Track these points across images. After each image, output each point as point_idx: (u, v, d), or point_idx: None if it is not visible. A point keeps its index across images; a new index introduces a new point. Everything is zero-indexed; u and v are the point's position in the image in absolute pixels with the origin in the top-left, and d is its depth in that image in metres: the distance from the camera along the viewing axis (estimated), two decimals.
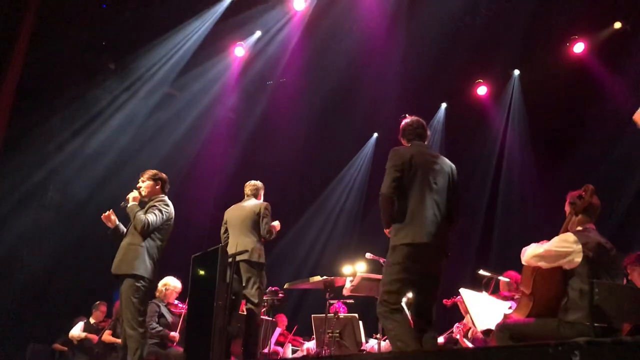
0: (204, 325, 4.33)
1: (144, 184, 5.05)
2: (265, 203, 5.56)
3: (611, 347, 1.05)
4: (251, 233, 5.36)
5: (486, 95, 9.80)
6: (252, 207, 5.49)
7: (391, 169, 3.91)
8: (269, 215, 5.43)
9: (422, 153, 4.04)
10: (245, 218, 5.44)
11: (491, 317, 4.51)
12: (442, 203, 3.88)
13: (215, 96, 10.03)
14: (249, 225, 5.40)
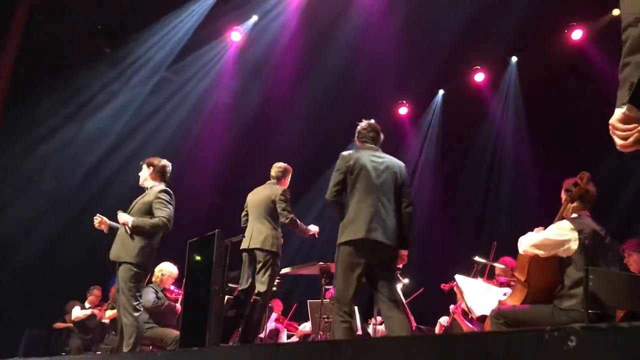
0: (200, 311, 4.34)
1: (143, 171, 5.08)
2: (282, 189, 5.46)
3: (607, 332, 1.05)
4: (266, 220, 5.31)
5: (484, 81, 9.77)
6: (269, 193, 5.43)
7: (335, 173, 4.21)
8: (285, 202, 5.34)
9: (367, 155, 4.26)
10: (260, 203, 5.40)
11: (486, 303, 4.54)
12: (387, 201, 4.09)
13: (212, 81, 9.98)
14: (263, 211, 5.35)
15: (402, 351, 1.39)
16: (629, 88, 2.05)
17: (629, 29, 2.10)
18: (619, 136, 2.07)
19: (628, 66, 2.07)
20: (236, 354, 2.23)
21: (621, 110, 2.07)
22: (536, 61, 8.67)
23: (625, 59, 2.08)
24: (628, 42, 2.08)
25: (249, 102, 10.25)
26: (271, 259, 5.20)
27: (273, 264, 5.20)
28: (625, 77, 2.07)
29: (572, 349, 1.06)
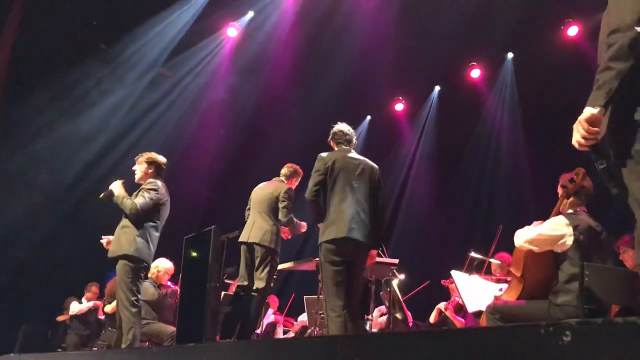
0: (196, 307, 4.34)
1: (138, 166, 5.07)
2: (287, 187, 5.46)
3: (602, 327, 1.06)
4: (268, 216, 5.32)
5: (480, 78, 9.79)
6: (273, 190, 5.43)
7: (314, 174, 4.39)
8: (287, 200, 5.33)
9: (344, 157, 4.45)
10: (263, 199, 5.40)
11: (482, 299, 4.55)
12: (364, 201, 4.30)
13: (208, 77, 9.96)
14: (266, 207, 5.36)
15: (399, 346, 1.39)
16: (607, 93, 2.09)
17: (618, 33, 2.12)
18: (581, 134, 2.13)
19: (610, 71, 2.10)
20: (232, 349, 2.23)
21: (592, 110, 2.11)
22: (532, 57, 8.68)
23: (609, 62, 2.11)
24: (615, 47, 2.11)
25: (245, 98, 10.23)
26: (270, 255, 5.20)
27: (272, 261, 5.20)
28: (605, 80, 2.11)
29: (567, 344, 1.06)
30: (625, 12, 2.13)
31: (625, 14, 2.13)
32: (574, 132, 2.17)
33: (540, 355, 1.11)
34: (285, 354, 1.72)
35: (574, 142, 2.18)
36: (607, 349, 1.02)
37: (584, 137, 2.12)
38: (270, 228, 5.26)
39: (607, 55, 2.12)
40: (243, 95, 10.23)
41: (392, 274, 5.76)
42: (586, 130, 2.11)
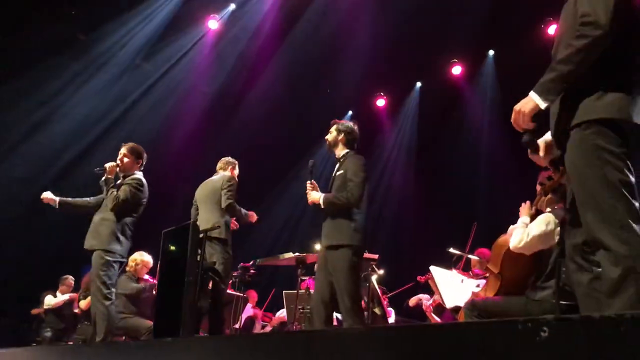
0: (174, 301, 4.30)
1: (122, 155, 5.05)
2: (229, 176, 5.39)
3: (579, 323, 1.06)
4: (214, 208, 5.21)
5: (461, 74, 9.83)
6: (216, 182, 5.37)
7: (364, 181, 4.38)
8: (228, 188, 5.21)
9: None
10: (209, 194, 5.33)
11: (460, 294, 4.59)
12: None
13: (188, 69, 9.87)
14: (212, 200, 5.26)
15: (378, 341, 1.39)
16: (560, 90, 2.20)
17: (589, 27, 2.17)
18: (521, 126, 2.32)
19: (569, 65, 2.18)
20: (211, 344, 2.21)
21: (541, 104, 2.21)
22: (513, 55, 8.73)
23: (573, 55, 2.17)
24: (583, 41, 2.17)
25: (226, 91, 10.16)
26: (219, 247, 5.06)
27: (223, 252, 5.04)
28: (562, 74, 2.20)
29: (544, 340, 1.06)
30: (599, 9, 2.16)
31: (599, 10, 2.16)
32: (516, 115, 2.32)
33: (517, 351, 1.11)
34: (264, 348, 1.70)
35: (513, 123, 2.35)
36: (583, 344, 1.03)
37: (521, 129, 2.33)
38: (217, 220, 5.12)
39: (574, 47, 2.16)
40: (224, 88, 10.16)
41: (372, 270, 5.76)
42: (526, 125, 2.28)
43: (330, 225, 4.28)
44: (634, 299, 1.94)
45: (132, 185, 4.92)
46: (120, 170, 5.08)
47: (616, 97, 2.14)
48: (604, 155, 2.12)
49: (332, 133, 4.63)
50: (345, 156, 4.51)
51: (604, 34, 2.13)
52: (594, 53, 2.14)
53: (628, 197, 2.07)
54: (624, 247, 2.00)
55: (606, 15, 2.13)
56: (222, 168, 5.60)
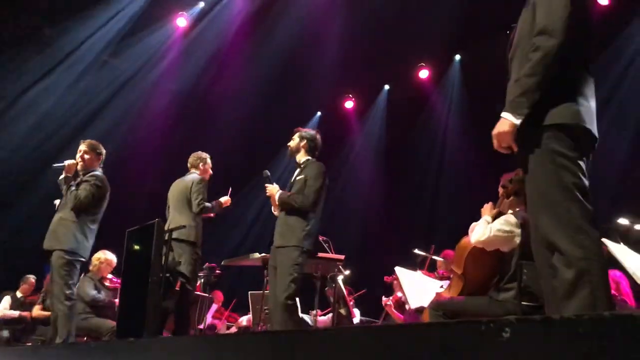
0: (138, 301, 4.24)
1: (84, 154, 4.95)
2: (198, 177, 5.37)
3: (539, 324, 1.08)
4: (184, 210, 5.21)
5: (428, 78, 9.93)
6: (186, 183, 5.34)
7: (323, 188, 4.45)
8: (197, 191, 5.21)
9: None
10: (178, 194, 5.31)
11: (424, 295, 4.63)
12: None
13: (156, 66, 9.73)
14: (181, 201, 5.25)
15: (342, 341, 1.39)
16: (530, 104, 2.20)
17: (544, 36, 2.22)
18: (505, 146, 2.28)
19: (534, 77, 2.20)
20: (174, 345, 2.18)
21: (515, 121, 2.22)
22: (479, 59, 8.87)
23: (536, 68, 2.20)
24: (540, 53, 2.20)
25: (192, 90, 10.06)
26: (188, 248, 5.06)
27: (191, 253, 5.05)
28: (529, 88, 2.20)
29: (506, 340, 1.08)
30: (555, 16, 2.21)
31: (555, 17, 2.21)
32: (497, 139, 2.29)
33: (480, 351, 1.13)
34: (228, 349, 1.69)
35: (497, 148, 2.32)
36: (544, 344, 1.05)
37: (508, 148, 2.29)
38: (188, 222, 5.12)
39: (532, 60, 2.21)
40: (191, 86, 10.06)
41: (338, 270, 5.78)
42: (510, 143, 2.25)
43: (283, 226, 4.34)
44: (589, 300, 1.98)
45: (92, 184, 4.83)
46: (81, 168, 4.98)
47: (569, 104, 2.20)
48: (558, 159, 2.16)
49: (294, 140, 4.69)
50: (306, 162, 4.59)
51: (558, 43, 2.18)
52: (552, 61, 2.19)
53: (582, 200, 2.11)
54: (578, 251, 2.04)
55: (561, 24, 2.19)
56: (193, 164, 5.56)
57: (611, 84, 8.00)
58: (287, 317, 4.09)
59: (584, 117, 2.20)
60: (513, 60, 2.49)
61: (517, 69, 2.41)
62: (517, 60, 2.44)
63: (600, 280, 2.01)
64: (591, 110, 2.26)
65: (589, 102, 2.26)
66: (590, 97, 2.28)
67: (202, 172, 5.52)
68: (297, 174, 4.56)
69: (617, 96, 7.98)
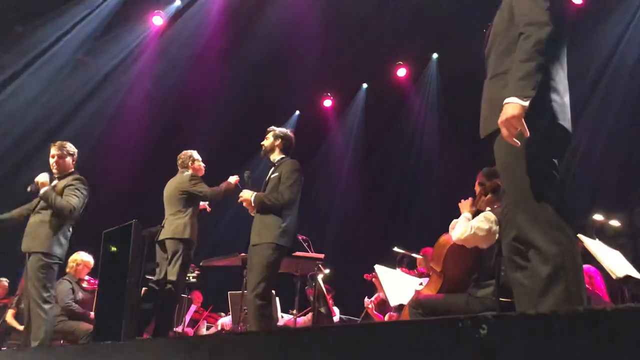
0: (115, 303, 4.19)
1: (56, 157, 4.87)
2: (189, 174, 5.36)
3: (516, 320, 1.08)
4: (177, 209, 5.20)
5: (406, 77, 9.98)
6: (177, 183, 5.34)
7: (299, 184, 4.46)
8: (195, 185, 5.24)
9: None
10: (170, 194, 5.31)
11: (404, 293, 4.65)
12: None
13: (131, 66, 9.62)
14: (174, 200, 5.24)
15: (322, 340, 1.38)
16: (534, 86, 2.13)
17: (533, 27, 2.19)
18: (517, 131, 2.09)
19: (532, 62, 2.14)
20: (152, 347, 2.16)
21: (523, 103, 2.08)
22: (456, 58, 8.93)
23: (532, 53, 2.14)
24: (533, 39, 2.17)
25: (169, 89, 9.97)
26: (181, 247, 5.04)
27: (183, 253, 5.02)
28: (530, 72, 2.13)
29: (483, 336, 1.09)
30: (536, 10, 2.22)
31: (536, 10, 2.22)
32: (506, 125, 2.10)
33: (458, 347, 1.13)
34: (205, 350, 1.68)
35: (509, 137, 2.11)
36: (521, 340, 1.05)
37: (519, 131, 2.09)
38: (182, 220, 5.12)
39: (527, 47, 2.18)
40: (167, 85, 9.96)
41: (318, 269, 5.78)
42: (522, 126, 2.08)
43: (259, 224, 4.32)
44: (564, 295, 2.00)
45: (78, 188, 4.76)
46: (57, 172, 4.89)
47: (542, 100, 2.18)
48: (532, 156, 2.16)
49: (268, 139, 4.69)
50: (280, 161, 4.59)
51: (549, 30, 2.17)
52: (545, 48, 2.15)
53: (556, 196, 2.12)
54: (554, 247, 2.05)
55: (548, 14, 2.19)
56: (183, 164, 5.53)
57: (591, 78, 8.11)
58: (257, 315, 4.06)
59: (557, 114, 2.20)
60: (489, 57, 2.50)
61: (494, 65, 2.42)
62: (493, 56, 2.45)
63: (575, 276, 2.03)
64: (565, 105, 2.26)
65: (563, 98, 2.26)
66: (564, 92, 2.28)
67: (194, 171, 5.48)
68: (272, 173, 4.56)
69: (596, 92, 8.09)
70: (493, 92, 2.34)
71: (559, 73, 2.29)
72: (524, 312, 1.09)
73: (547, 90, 2.21)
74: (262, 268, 4.13)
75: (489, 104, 2.35)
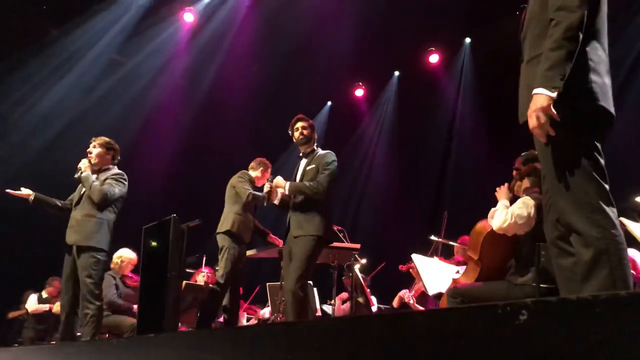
0: (157, 297, 4.28)
1: (95, 150, 4.96)
2: (241, 172, 5.53)
3: (556, 305, 1.07)
4: (228, 205, 5.38)
5: (438, 63, 9.86)
6: (231, 180, 5.49)
7: (335, 174, 4.43)
8: (242, 181, 5.37)
9: None
10: (227, 191, 5.48)
11: (442, 281, 4.62)
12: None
13: (164, 63, 9.75)
14: (228, 197, 5.42)
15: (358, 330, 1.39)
16: (563, 75, 2.07)
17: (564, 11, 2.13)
18: (546, 121, 2.05)
19: (562, 50, 2.08)
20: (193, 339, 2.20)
21: (551, 94, 2.05)
22: (489, 42, 8.78)
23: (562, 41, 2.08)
24: (563, 25, 2.10)
25: (202, 84, 10.08)
26: (227, 240, 5.15)
27: (230, 247, 5.14)
28: (559, 61, 2.08)
29: (523, 323, 1.08)
30: None
31: None
32: (535, 116, 2.08)
33: (497, 335, 1.12)
34: (246, 341, 1.70)
35: (537, 128, 2.09)
36: (560, 326, 1.04)
37: (549, 121, 2.06)
38: (230, 215, 5.26)
39: (557, 35, 2.13)
40: (200, 81, 10.07)
41: (354, 259, 5.79)
42: (553, 116, 2.05)
43: (300, 216, 4.31)
44: (607, 280, 1.96)
45: (117, 179, 4.86)
46: (95, 166, 4.96)
47: (582, 82, 2.13)
48: (573, 139, 2.12)
49: (307, 129, 4.62)
50: (315, 151, 4.58)
51: (580, 16, 2.10)
52: (576, 34, 2.10)
53: (598, 179, 2.07)
54: (595, 230, 2.01)
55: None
56: (251, 166, 5.71)
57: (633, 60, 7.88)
58: (296, 306, 4.09)
59: (597, 95, 2.14)
60: (524, 41, 2.44)
61: (529, 49, 2.36)
62: (528, 40, 2.39)
63: (619, 260, 1.99)
64: (605, 86, 2.19)
65: (603, 78, 2.19)
66: (604, 73, 2.21)
67: (255, 177, 5.61)
68: (306, 164, 4.52)
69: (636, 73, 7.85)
70: (530, 77, 2.29)
71: (598, 53, 2.22)
72: (564, 297, 1.07)
73: (586, 71, 2.15)
74: (303, 259, 4.15)
75: (526, 89, 2.30)
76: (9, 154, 9.08)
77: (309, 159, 4.56)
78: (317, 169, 4.40)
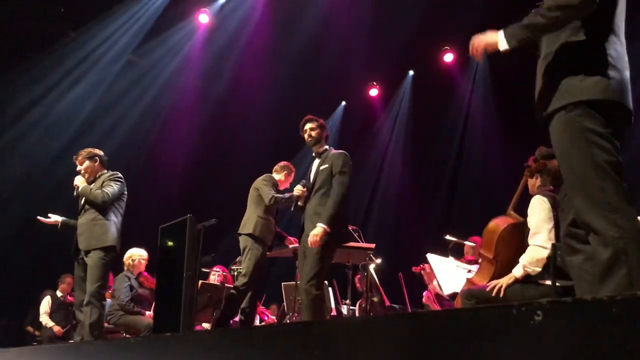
0: (173, 296, 4.31)
1: (82, 165, 5.06)
2: (265, 175, 5.54)
3: (572, 305, 1.07)
4: (251, 207, 5.39)
5: (453, 62, 9.81)
6: (255, 183, 5.52)
7: (350, 175, 4.40)
8: (266, 185, 5.38)
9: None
10: (250, 193, 5.49)
11: (457, 281, 4.60)
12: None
13: (180, 64, 9.82)
14: (250, 199, 5.44)
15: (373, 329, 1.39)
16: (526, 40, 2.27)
17: None
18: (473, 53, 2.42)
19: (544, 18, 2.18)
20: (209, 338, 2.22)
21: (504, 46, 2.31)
22: None
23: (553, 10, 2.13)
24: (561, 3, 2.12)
25: (218, 85, 10.12)
26: (250, 242, 5.19)
27: (252, 248, 5.16)
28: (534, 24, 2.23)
29: (538, 323, 1.07)
30: None
31: None
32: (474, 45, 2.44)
33: (512, 335, 1.12)
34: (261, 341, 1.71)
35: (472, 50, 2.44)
36: (576, 326, 1.04)
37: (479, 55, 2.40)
38: (252, 217, 5.29)
39: (552, 8, 2.13)
40: (216, 82, 10.12)
41: (369, 259, 5.78)
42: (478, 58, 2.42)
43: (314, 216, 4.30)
44: (625, 280, 1.93)
45: (112, 180, 4.95)
46: (89, 178, 5.05)
47: (599, 78, 2.11)
48: (590, 136, 2.08)
49: (315, 129, 4.60)
50: (327, 152, 4.55)
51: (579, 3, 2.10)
52: (567, 13, 2.13)
53: (616, 178, 2.05)
54: (613, 230, 1.98)
55: None
56: (275, 169, 5.75)
57: None
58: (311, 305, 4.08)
59: (615, 91, 2.11)
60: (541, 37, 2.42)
61: (546, 44, 2.35)
62: (545, 36, 2.37)
63: (637, 260, 1.96)
64: (624, 82, 2.15)
65: (621, 74, 2.15)
66: (623, 67, 2.17)
67: (280, 180, 5.63)
68: (319, 165, 4.51)
69: None
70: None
71: (616, 48, 2.18)
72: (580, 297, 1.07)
73: (604, 66, 2.12)
74: (317, 258, 4.14)
75: (543, 85, 2.29)
76: (29, 153, 9.20)
77: (321, 159, 4.55)
78: (330, 169, 4.38)
